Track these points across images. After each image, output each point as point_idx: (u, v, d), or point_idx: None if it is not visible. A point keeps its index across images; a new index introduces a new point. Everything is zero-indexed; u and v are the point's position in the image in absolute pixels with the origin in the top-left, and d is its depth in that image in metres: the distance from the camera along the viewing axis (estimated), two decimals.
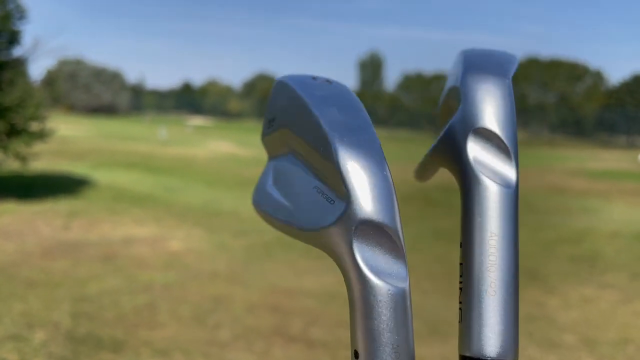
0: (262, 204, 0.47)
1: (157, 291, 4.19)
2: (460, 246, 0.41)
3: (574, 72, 53.26)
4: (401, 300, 0.35)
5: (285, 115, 0.45)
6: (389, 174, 0.37)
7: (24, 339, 3.16)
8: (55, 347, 3.09)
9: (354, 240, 0.35)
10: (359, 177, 0.36)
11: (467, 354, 0.39)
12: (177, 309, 3.83)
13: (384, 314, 0.35)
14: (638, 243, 6.69)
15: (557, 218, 8.44)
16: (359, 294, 0.35)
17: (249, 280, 4.63)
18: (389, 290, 0.35)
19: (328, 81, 0.45)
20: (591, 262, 5.79)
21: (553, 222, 8.02)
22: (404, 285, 0.35)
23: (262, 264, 5.14)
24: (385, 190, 0.36)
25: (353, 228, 0.35)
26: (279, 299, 4.18)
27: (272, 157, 0.50)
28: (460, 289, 0.40)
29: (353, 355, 0.36)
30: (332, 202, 0.38)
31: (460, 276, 0.41)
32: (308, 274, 4.85)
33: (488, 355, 0.38)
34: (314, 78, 0.46)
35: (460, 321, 0.40)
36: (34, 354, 2.99)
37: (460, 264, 0.41)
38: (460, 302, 0.40)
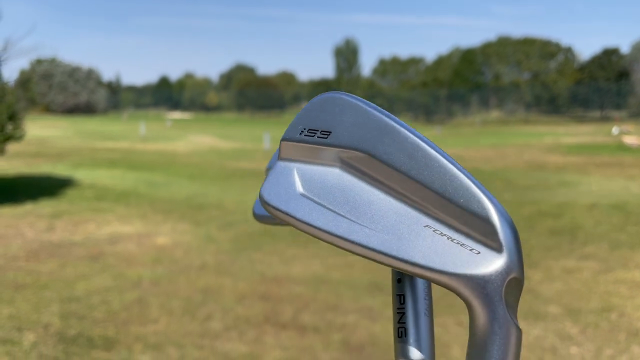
0: (293, 208, 0.44)
1: (146, 287, 4.19)
2: (399, 282, 0.48)
3: (546, 49, 53.63)
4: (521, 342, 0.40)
5: (363, 140, 0.43)
6: None
7: (14, 342, 3.16)
8: (46, 348, 3.09)
9: (504, 292, 0.38)
10: (512, 233, 0.39)
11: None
12: (168, 303, 3.84)
13: (514, 353, 0.39)
14: (616, 213, 6.84)
15: (537, 193, 8.57)
16: (501, 335, 0.38)
17: (237, 270, 4.65)
18: (520, 334, 0.39)
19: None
20: (571, 234, 5.91)
21: (533, 197, 8.14)
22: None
23: (250, 254, 5.16)
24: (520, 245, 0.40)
25: (507, 281, 0.38)
26: (268, 288, 4.21)
27: (291, 159, 0.47)
28: (402, 313, 0.48)
29: None
30: (476, 252, 0.39)
31: (402, 304, 0.48)
32: (296, 261, 4.89)
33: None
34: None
35: (400, 336, 0.47)
36: (25, 356, 2.99)
37: (399, 295, 0.48)
38: (401, 323, 0.48)
